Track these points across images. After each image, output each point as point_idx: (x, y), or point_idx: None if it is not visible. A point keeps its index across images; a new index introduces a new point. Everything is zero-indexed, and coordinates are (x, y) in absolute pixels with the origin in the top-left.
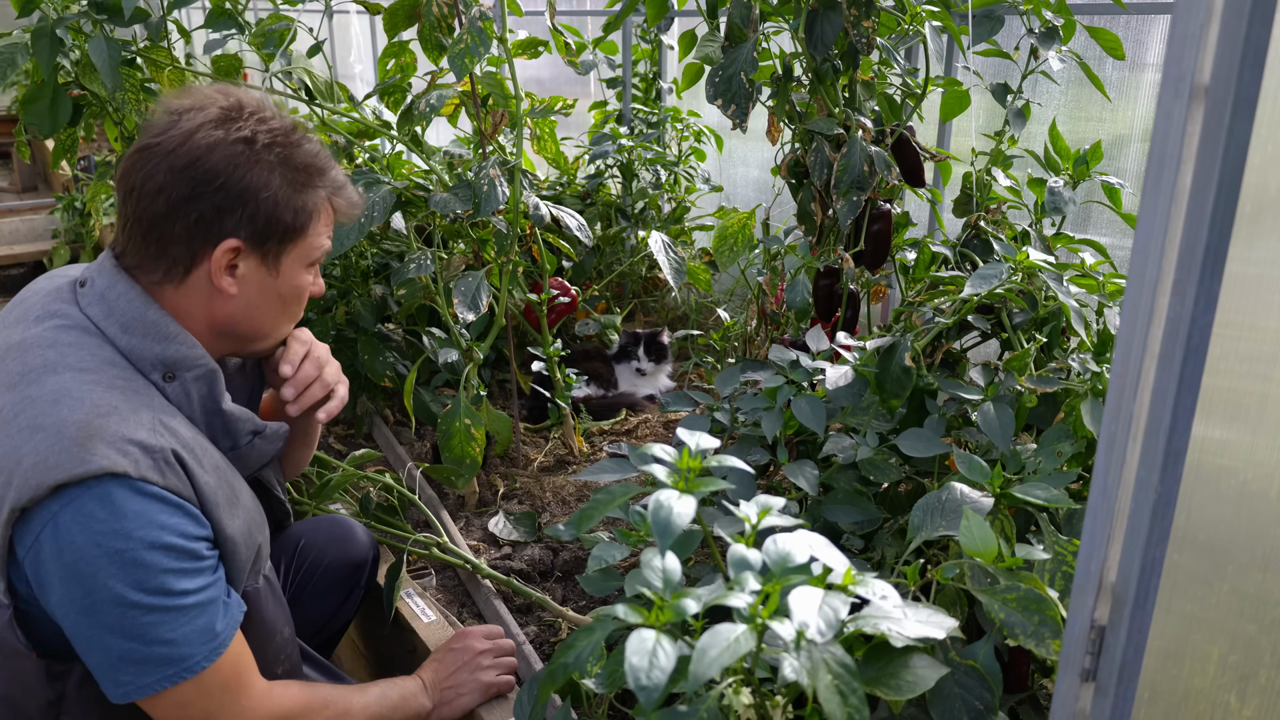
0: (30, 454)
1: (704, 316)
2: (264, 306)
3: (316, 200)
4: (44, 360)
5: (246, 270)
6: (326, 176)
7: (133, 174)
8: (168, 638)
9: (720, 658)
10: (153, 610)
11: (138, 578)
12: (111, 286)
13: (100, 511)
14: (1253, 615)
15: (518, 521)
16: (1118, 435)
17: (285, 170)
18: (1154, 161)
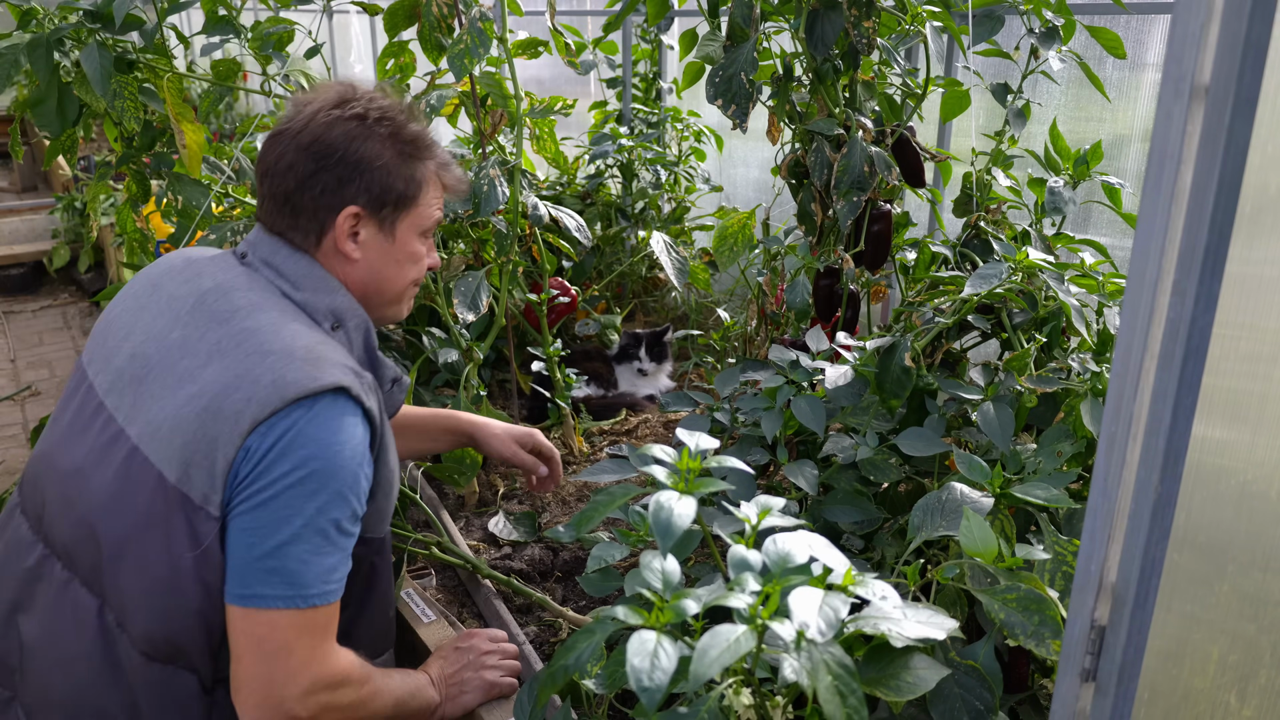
0: (266, 373)
1: (704, 316)
2: (385, 271)
3: (425, 171)
4: (249, 300)
5: (367, 236)
6: (433, 151)
7: (267, 156)
8: (305, 562)
9: (721, 658)
10: (316, 535)
11: (325, 505)
12: (275, 252)
13: (331, 421)
14: (1253, 615)
15: (518, 521)
16: (1118, 435)
17: (395, 143)
18: (1154, 161)
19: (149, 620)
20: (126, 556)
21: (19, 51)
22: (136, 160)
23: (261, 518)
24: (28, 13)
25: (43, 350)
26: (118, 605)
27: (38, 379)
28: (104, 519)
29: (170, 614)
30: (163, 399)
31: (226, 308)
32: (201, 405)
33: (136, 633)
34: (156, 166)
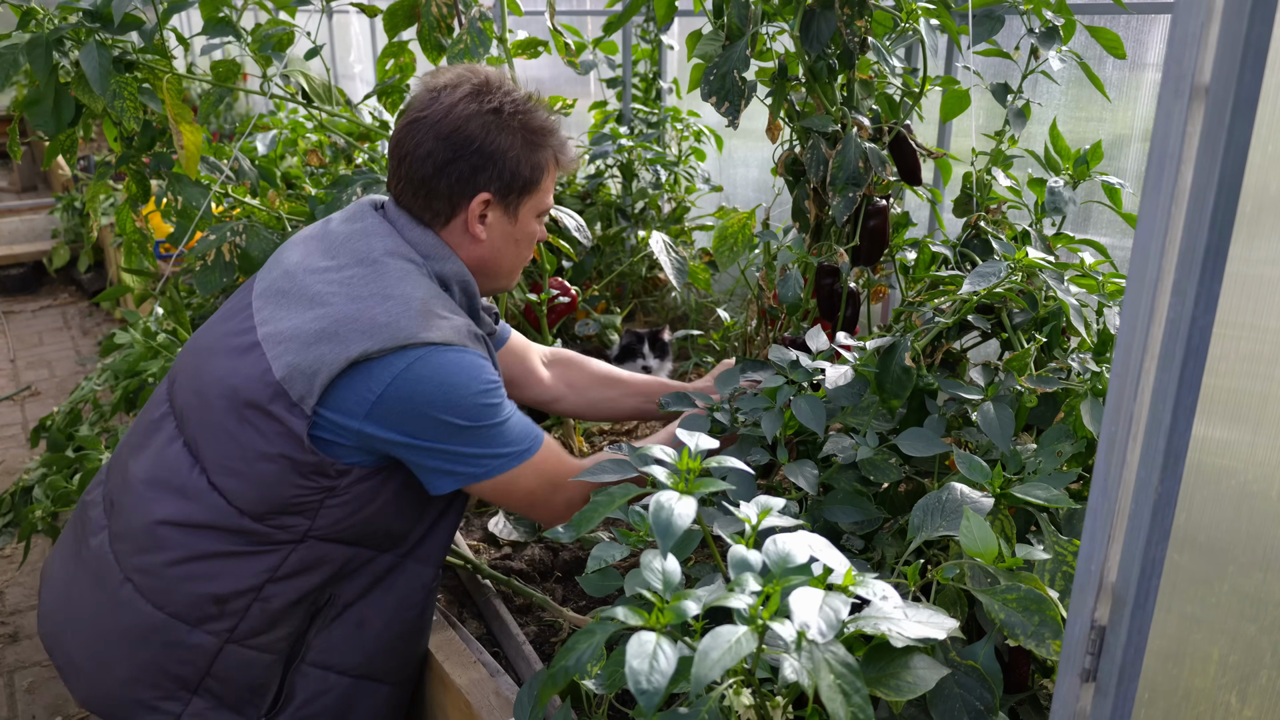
0: (384, 315)
1: (704, 316)
2: (505, 249)
3: (547, 158)
4: (385, 247)
5: (493, 219)
6: (555, 137)
7: (405, 142)
8: (503, 438)
9: (722, 660)
10: (487, 427)
11: (470, 410)
12: (399, 219)
13: (443, 367)
14: (1253, 615)
15: (518, 521)
16: (1118, 435)
17: (525, 134)
18: (1154, 161)
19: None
20: (221, 427)
21: (18, 51)
22: (136, 160)
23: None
24: (28, 12)
25: (42, 350)
26: (208, 462)
27: (37, 379)
28: (215, 392)
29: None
30: (295, 312)
31: (365, 249)
32: (321, 327)
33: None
34: (156, 166)
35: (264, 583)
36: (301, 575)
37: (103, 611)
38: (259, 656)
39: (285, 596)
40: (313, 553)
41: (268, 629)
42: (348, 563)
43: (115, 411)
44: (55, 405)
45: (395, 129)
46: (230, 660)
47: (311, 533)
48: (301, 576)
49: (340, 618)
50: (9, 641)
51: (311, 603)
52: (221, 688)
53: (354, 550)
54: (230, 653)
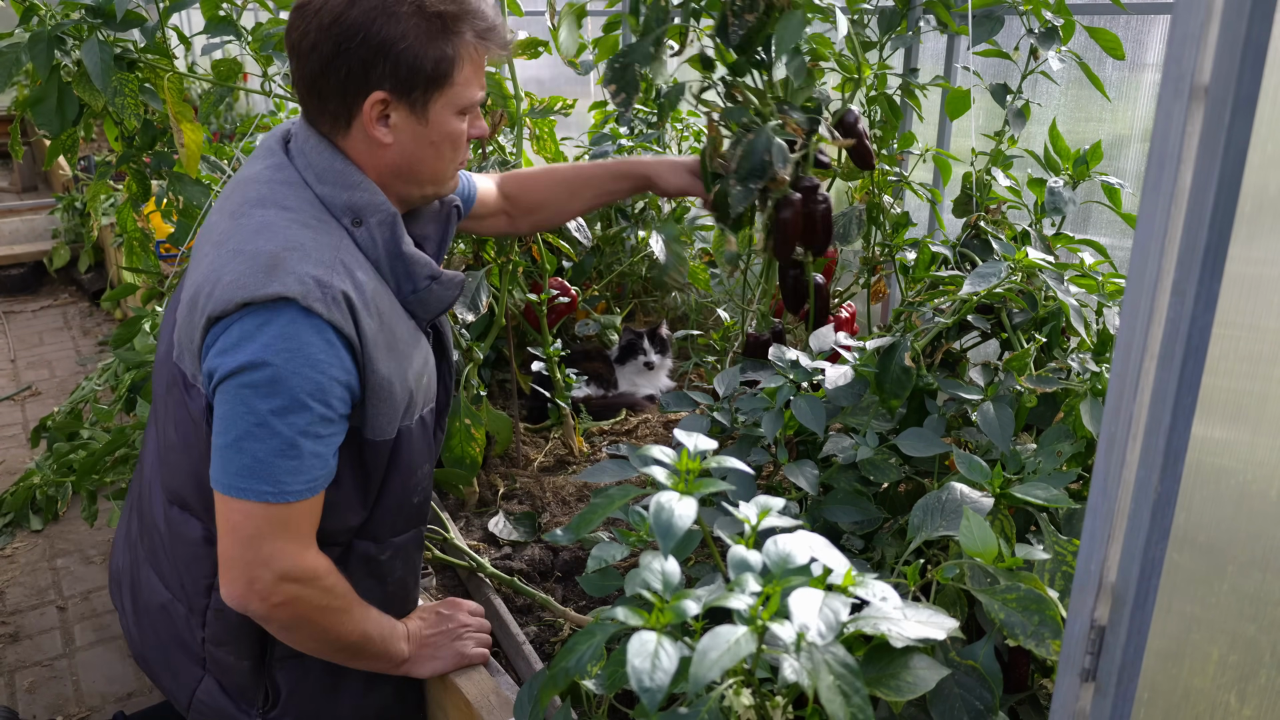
0: (229, 274)
1: (704, 316)
2: (420, 154)
3: (458, 46)
4: (259, 195)
5: (398, 120)
6: (467, 19)
7: (291, 33)
8: (270, 461)
9: (721, 660)
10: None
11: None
12: (306, 139)
13: (285, 328)
14: (1253, 615)
15: (518, 522)
16: (1118, 435)
17: (420, 19)
18: (1154, 161)
19: (163, 467)
20: (158, 412)
21: (20, 50)
22: (137, 160)
23: (223, 409)
24: (30, 8)
25: (43, 350)
26: (167, 439)
27: (38, 379)
28: (159, 375)
29: (176, 466)
30: (186, 282)
31: (239, 200)
32: (190, 294)
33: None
34: (157, 166)
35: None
36: None
37: (139, 581)
38: (235, 662)
39: None
40: None
41: (231, 640)
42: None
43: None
44: (55, 405)
45: (290, 15)
46: (215, 658)
47: None
48: None
49: None
50: (9, 641)
51: None
52: (221, 677)
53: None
54: (211, 652)
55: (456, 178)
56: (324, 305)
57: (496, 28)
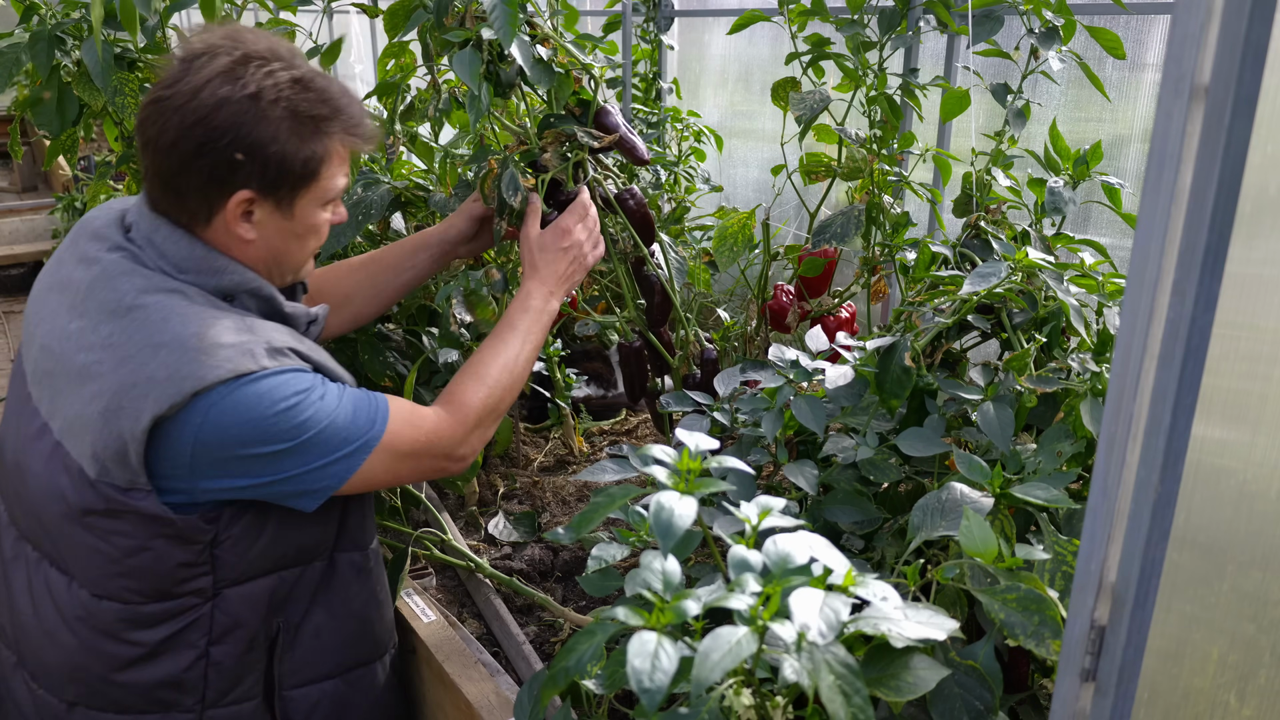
0: (160, 369)
1: (704, 316)
2: (284, 247)
3: (327, 145)
4: (134, 285)
5: (262, 216)
6: (338, 119)
7: (148, 126)
8: (333, 441)
9: (723, 661)
10: (310, 439)
11: (283, 433)
12: (155, 230)
13: (240, 404)
14: (1252, 615)
15: (517, 522)
16: (1118, 435)
17: (292, 122)
18: (1154, 161)
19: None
20: (74, 541)
21: (20, 50)
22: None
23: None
24: (30, 8)
25: None
26: (83, 580)
27: None
28: (51, 512)
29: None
30: (71, 395)
31: (114, 297)
32: (103, 405)
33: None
34: None
35: (206, 648)
36: (237, 626)
37: None
38: (239, 709)
39: (234, 651)
40: (236, 600)
41: (234, 685)
42: (276, 591)
43: None
44: None
45: (140, 107)
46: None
47: (221, 583)
48: (238, 627)
49: (298, 637)
50: None
51: (264, 641)
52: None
53: (276, 577)
54: (211, 717)
55: (311, 263)
56: (273, 360)
57: (364, 125)
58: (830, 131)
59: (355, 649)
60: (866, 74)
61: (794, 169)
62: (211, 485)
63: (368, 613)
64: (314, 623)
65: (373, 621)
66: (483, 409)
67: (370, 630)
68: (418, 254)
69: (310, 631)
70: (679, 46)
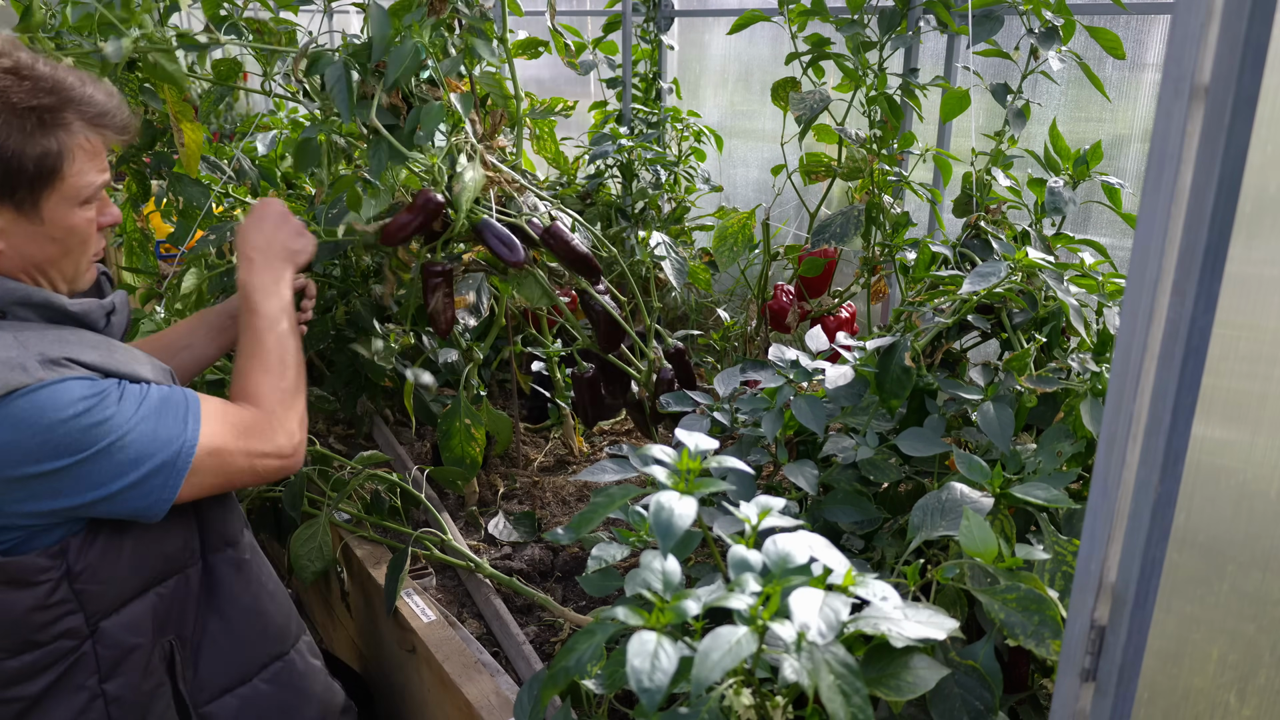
0: None
1: (704, 316)
2: (40, 253)
3: (64, 140)
4: None
5: (5, 224)
6: (71, 109)
7: None
8: (149, 446)
9: (723, 661)
10: (115, 445)
11: (73, 443)
12: None
13: (17, 419)
14: (1252, 615)
15: (517, 522)
16: (1118, 435)
17: (12, 117)
18: (1154, 161)
19: None
20: None
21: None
22: (136, 160)
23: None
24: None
25: None
26: None
27: None
28: None
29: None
30: None
31: None
32: None
33: None
34: (156, 166)
35: (99, 687)
36: (127, 656)
37: None
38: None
39: (131, 682)
40: (116, 630)
41: (143, 717)
42: (157, 609)
43: None
44: None
45: None
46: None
47: (95, 617)
48: (128, 657)
49: (196, 651)
50: None
51: (160, 663)
52: None
53: (154, 595)
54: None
55: (93, 269)
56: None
57: (109, 111)
58: (830, 131)
59: (259, 646)
60: (866, 74)
61: (794, 169)
62: (24, 510)
63: (260, 606)
64: (208, 632)
65: (268, 614)
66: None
67: (269, 623)
68: (197, 333)
69: (207, 642)
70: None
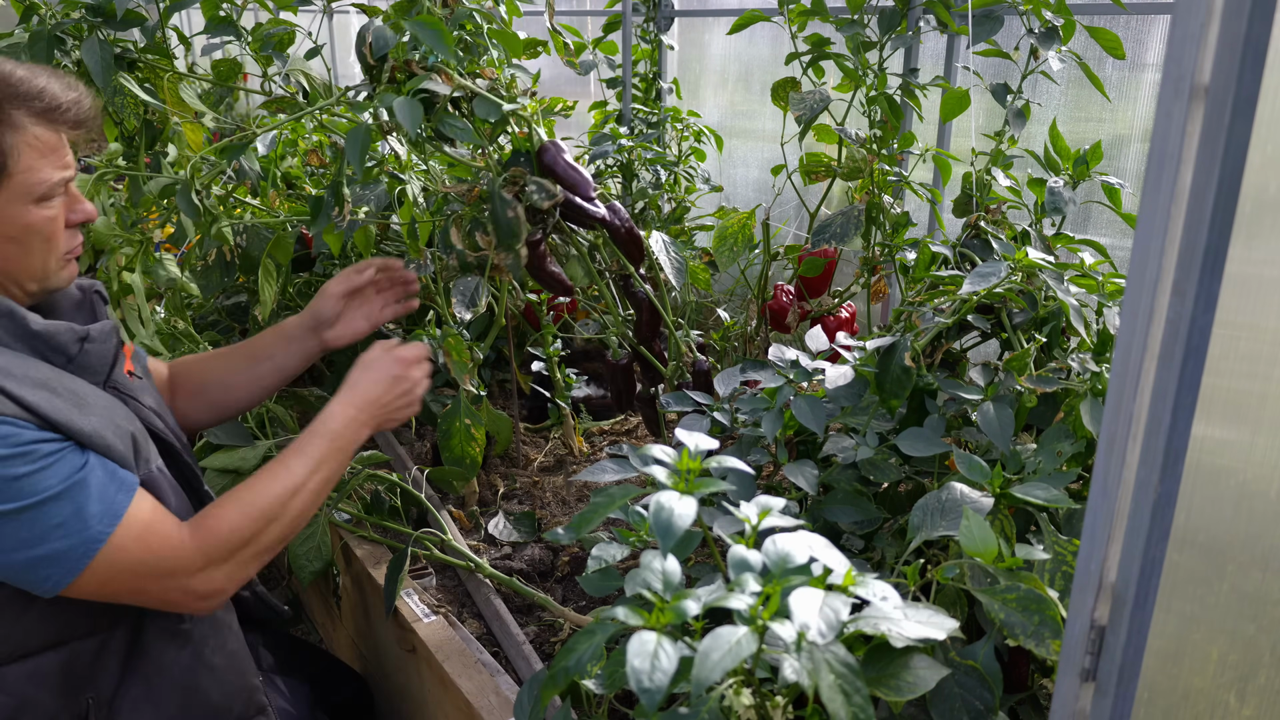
0: None
1: (704, 316)
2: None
3: (9, 135)
4: None
5: None
6: (18, 102)
7: None
8: (55, 525)
9: (723, 661)
10: (22, 512)
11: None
12: None
13: None
14: (1252, 615)
15: (518, 522)
16: (1118, 435)
17: None
18: (1154, 161)
19: None
20: None
21: (20, 50)
22: (137, 160)
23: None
24: (30, 8)
25: None
26: None
27: None
28: None
29: None
30: None
31: None
32: None
33: None
34: (156, 166)
35: None
36: (27, 707)
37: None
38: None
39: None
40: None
41: None
42: (70, 665)
43: None
44: None
45: None
46: None
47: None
48: (29, 708)
49: (113, 713)
50: None
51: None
52: None
53: (66, 650)
54: None
55: (70, 265)
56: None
57: (62, 104)
58: (830, 131)
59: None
60: (866, 74)
61: (794, 169)
62: None
63: (194, 681)
64: (130, 695)
65: (203, 690)
66: (235, 541)
67: (203, 699)
68: (278, 344)
69: (127, 705)
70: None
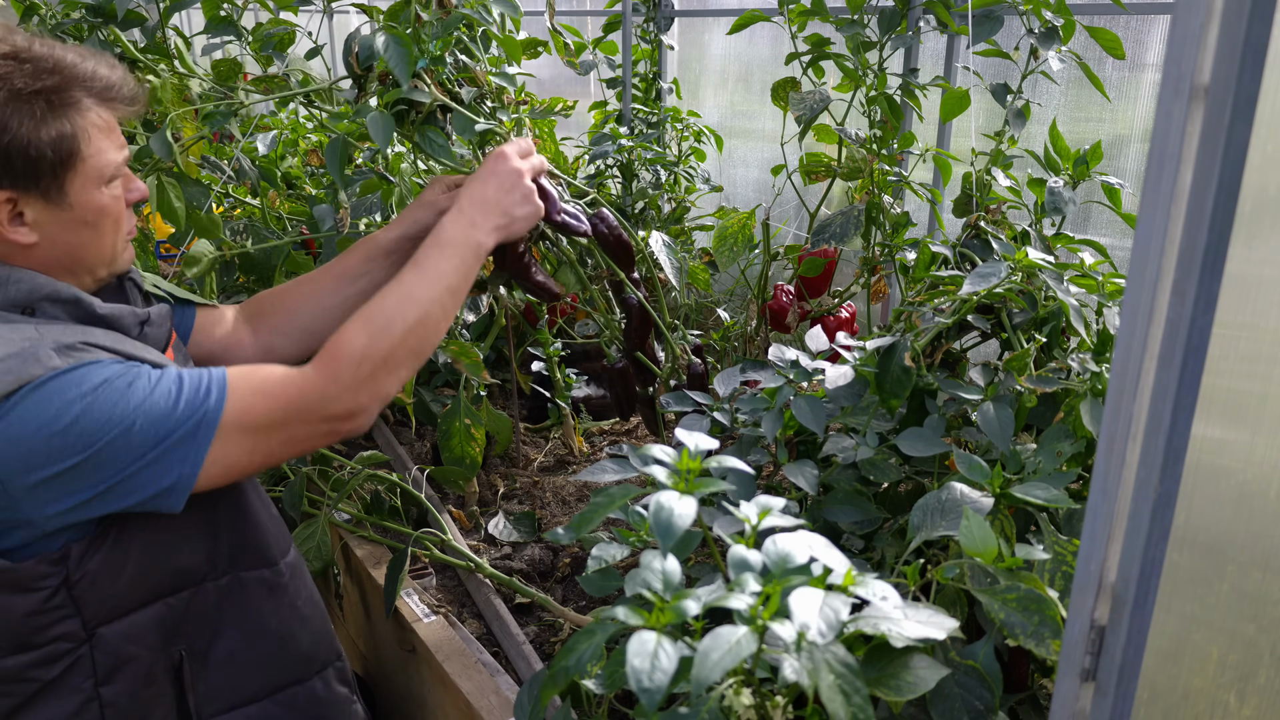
0: None
1: (704, 316)
2: (77, 240)
3: (76, 120)
4: None
5: (36, 214)
6: (78, 87)
7: None
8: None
9: (723, 661)
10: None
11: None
12: None
13: (32, 413)
14: (1252, 615)
15: (518, 522)
16: (1118, 435)
17: (19, 104)
18: (1154, 161)
19: None
20: None
21: None
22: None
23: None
24: (30, 7)
25: None
26: None
27: None
28: None
29: None
30: None
31: None
32: None
33: None
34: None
35: (94, 690)
36: (127, 663)
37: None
38: None
39: (128, 689)
40: (116, 638)
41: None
42: (165, 619)
43: None
44: None
45: None
46: None
47: (92, 623)
48: (128, 664)
49: (207, 663)
50: None
51: (165, 672)
52: None
53: (162, 605)
54: None
55: (129, 249)
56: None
57: (116, 84)
58: (830, 131)
59: (279, 669)
60: (866, 74)
61: (794, 169)
62: (53, 510)
63: (289, 630)
64: (225, 646)
65: (296, 639)
66: (366, 354)
67: (295, 648)
68: (373, 261)
69: (222, 656)
70: (679, 46)
